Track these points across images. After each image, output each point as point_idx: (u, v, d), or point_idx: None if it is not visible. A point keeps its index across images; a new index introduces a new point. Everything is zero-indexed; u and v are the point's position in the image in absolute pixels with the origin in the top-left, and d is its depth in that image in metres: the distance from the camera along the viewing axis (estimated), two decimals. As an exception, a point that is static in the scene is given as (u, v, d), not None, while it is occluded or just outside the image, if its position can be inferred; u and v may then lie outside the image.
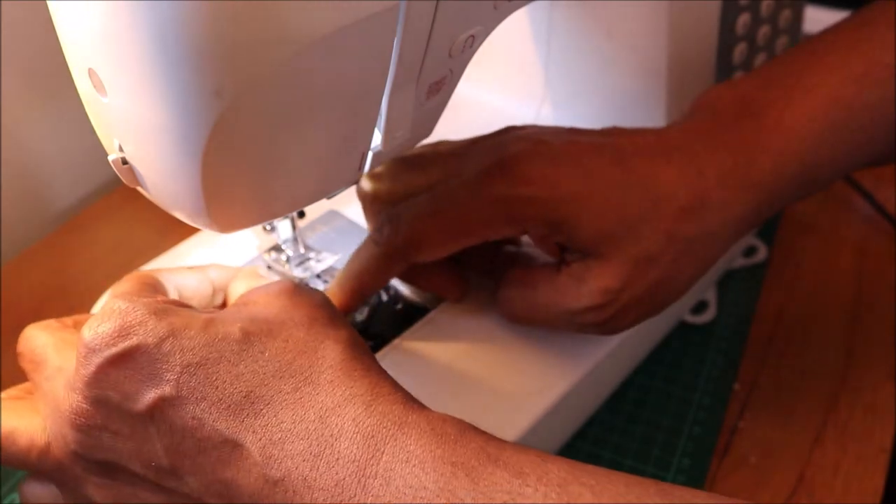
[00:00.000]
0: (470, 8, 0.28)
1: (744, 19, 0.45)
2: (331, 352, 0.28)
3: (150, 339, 0.27)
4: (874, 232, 0.55)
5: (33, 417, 0.31)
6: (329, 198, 0.33)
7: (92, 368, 0.28)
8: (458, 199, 0.35)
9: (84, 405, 0.28)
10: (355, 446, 0.26)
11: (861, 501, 0.40)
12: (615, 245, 0.34)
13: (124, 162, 0.27)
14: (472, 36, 0.30)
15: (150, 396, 0.27)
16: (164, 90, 0.23)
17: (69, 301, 0.53)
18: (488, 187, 0.34)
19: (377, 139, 0.31)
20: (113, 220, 0.60)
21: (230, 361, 0.27)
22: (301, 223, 0.44)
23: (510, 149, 0.35)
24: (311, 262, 0.41)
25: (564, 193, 0.33)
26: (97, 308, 0.42)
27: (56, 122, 0.60)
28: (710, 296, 0.50)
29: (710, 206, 0.34)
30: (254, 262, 0.43)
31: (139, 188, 0.29)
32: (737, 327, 0.49)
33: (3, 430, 0.31)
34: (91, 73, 0.25)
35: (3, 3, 0.53)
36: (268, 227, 0.39)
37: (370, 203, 0.40)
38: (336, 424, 0.26)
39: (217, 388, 0.27)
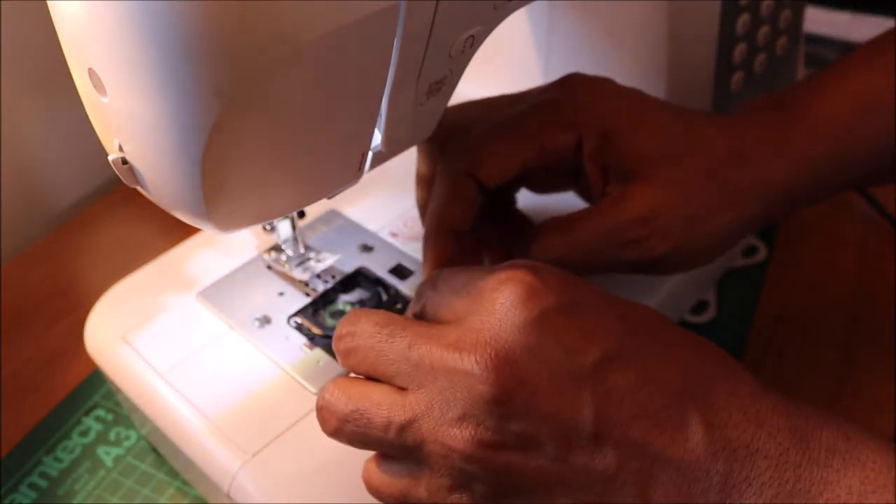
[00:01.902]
0: (470, 8, 0.28)
1: (744, 19, 0.45)
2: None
3: (596, 300, 0.27)
4: (874, 232, 0.55)
5: (385, 392, 0.28)
6: (329, 198, 0.33)
7: (535, 313, 0.26)
8: (518, 112, 0.37)
9: (515, 352, 0.26)
10: (791, 420, 0.26)
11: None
12: (658, 167, 0.35)
13: (124, 162, 0.27)
14: (472, 36, 0.30)
15: (595, 351, 0.26)
16: (164, 90, 0.23)
17: (69, 301, 0.53)
18: (548, 94, 0.37)
19: (377, 139, 0.31)
20: (113, 220, 0.60)
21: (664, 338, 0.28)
22: (301, 223, 0.44)
23: (570, 76, 0.38)
24: (311, 262, 0.41)
25: (619, 107, 0.36)
26: (98, 307, 0.42)
27: (56, 122, 0.60)
28: (710, 296, 0.50)
29: (745, 160, 0.36)
30: (254, 262, 0.43)
31: (139, 188, 0.29)
32: (737, 327, 0.49)
33: (355, 404, 0.28)
34: (91, 73, 0.25)
35: (3, 3, 0.53)
36: (268, 227, 0.39)
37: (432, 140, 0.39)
38: (766, 404, 0.27)
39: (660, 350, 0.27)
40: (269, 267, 0.43)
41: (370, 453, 0.34)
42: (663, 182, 0.35)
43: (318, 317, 0.40)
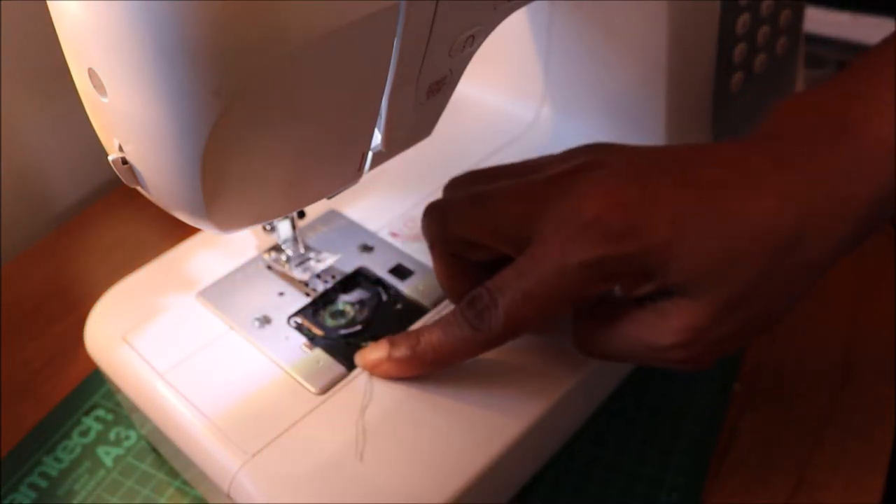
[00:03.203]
0: (470, 8, 0.28)
1: (744, 19, 0.45)
2: None
3: None
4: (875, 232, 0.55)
5: None
6: (329, 198, 0.33)
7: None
8: (547, 275, 0.33)
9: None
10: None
11: (861, 501, 0.40)
12: (706, 286, 0.32)
13: (124, 162, 0.27)
14: (472, 36, 0.30)
15: None
16: (163, 90, 0.23)
17: (69, 301, 0.53)
18: (577, 255, 0.32)
19: (377, 139, 0.31)
20: (113, 220, 0.60)
21: None
22: (301, 223, 0.44)
23: (587, 206, 0.32)
24: (311, 262, 0.41)
25: (655, 243, 0.31)
26: (98, 307, 0.42)
27: (56, 122, 0.60)
28: (710, 296, 0.50)
29: (807, 237, 0.32)
30: (254, 262, 0.43)
31: (139, 188, 0.29)
32: (737, 327, 0.49)
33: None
34: (91, 73, 0.25)
35: (3, 3, 0.53)
36: (268, 227, 0.39)
37: (444, 249, 0.38)
38: None
39: None
40: (269, 267, 0.43)
41: (369, 454, 0.34)
42: (713, 300, 0.32)
43: (318, 317, 0.40)
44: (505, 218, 0.35)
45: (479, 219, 0.36)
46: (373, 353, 0.37)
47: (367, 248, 0.44)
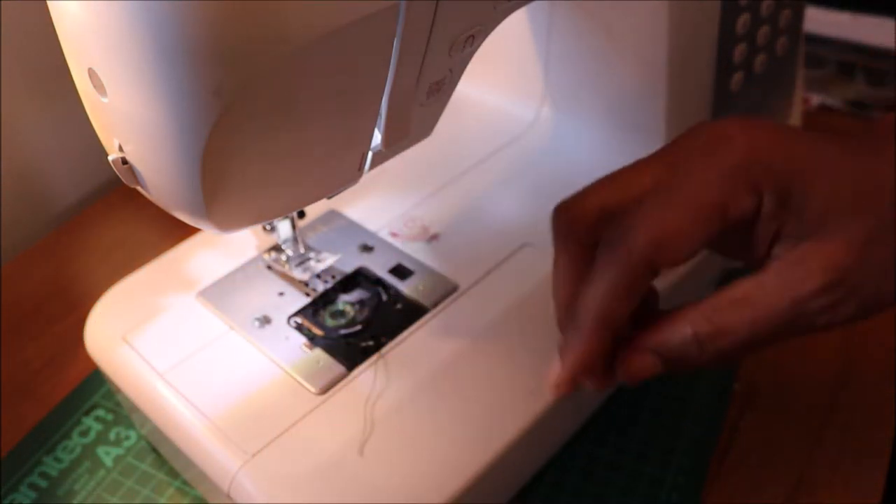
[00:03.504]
0: (470, 8, 0.28)
1: (744, 19, 0.45)
2: None
3: None
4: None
5: None
6: (329, 198, 0.33)
7: None
8: (689, 183, 0.32)
9: None
10: None
11: (861, 501, 0.40)
12: (843, 221, 0.31)
13: (124, 162, 0.27)
14: (472, 36, 0.30)
15: None
16: (163, 90, 0.23)
17: (69, 301, 0.53)
18: (722, 160, 0.32)
19: (377, 139, 0.31)
20: (113, 220, 0.60)
21: None
22: (301, 223, 0.44)
23: (731, 126, 0.33)
24: (311, 262, 0.41)
25: (798, 164, 0.32)
26: (98, 307, 0.42)
27: (56, 122, 0.60)
28: (710, 296, 0.50)
29: None
30: (254, 262, 0.43)
31: (139, 188, 0.29)
32: (737, 327, 0.49)
33: None
34: (91, 73, 0.25)
35: (3, 3, 0.53)
36: (268, 227, 0.39)
37: (574, 223, 0.34)
38: None
39: None
40: (269, 267, 0.43)
41: (369, 453, 0.34)
42: (851, 236, 0.31)
43: (318, 317, 0.40)
44: (643, 171, 0.33)
45: (616, 182, 0.33)
46: (553, 373, 0.33)
47: (367, 248, 0.44)
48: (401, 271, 0.42)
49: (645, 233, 0.31)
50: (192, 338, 0.39)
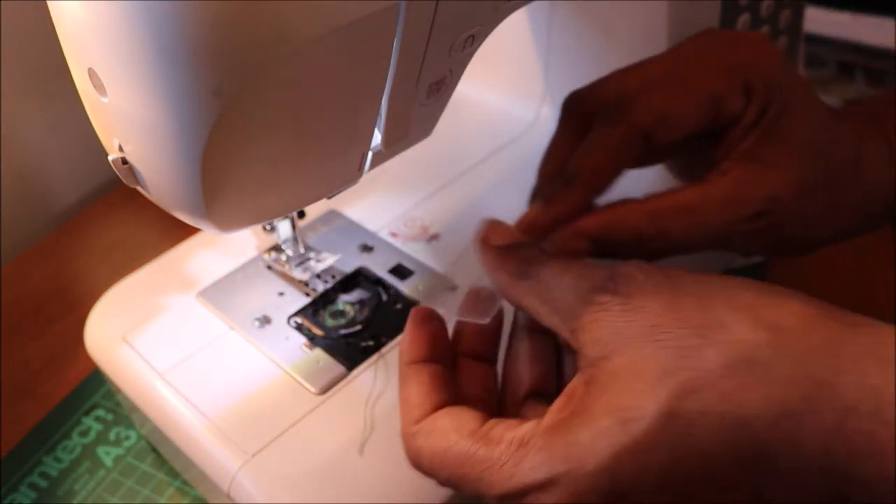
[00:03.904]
0: (470, 8, 0.28)
1: (744, 19, 0.45)
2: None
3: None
4: (874, 232, 0.55)
5: None
6: (329, 198, 0.33)
7: None
8: (694, 74, 0.34)
9: None
10: None
11: (861, 501, 0.40)
12: (794, 161, 0.34)
13: (124, 162, 0.27)
14: (472, 36, 0.30)
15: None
16: (163, 90, 0.23)
17: (69, 301, 0.53)
18: (727, 58, 0.34)
19: (377, 139, 0.31)
20: (113, 220, 0.60)
21: None
22: (301, 223, 0.44)
23: (741, 33, 0.36)
24: (311, 262, 0.41)
25: (790, 86, 0.34)
26: (98, 307, 0.42)
27: (56, 122, 0.60)
28: (710, 296, 0.50)
29: (862, 171, 0.36)
30: (254, 262, 0.43)
31: (139, 188, 0.29)
32: (737, 327, 0.49)
33: None
34: (91, 73, 0.25)
35: (3, 3, 0.53)
36: (268, 227, 0.39)
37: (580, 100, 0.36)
38: None
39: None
40: (269, 267, 0.43)
41: (369, 453, 0.34)
42: (790, 178, 0.33)
43: (318, 317, 0.40)
44: (655, 63, 0.36)
45: (630, 72, 0.36)
46: (525, 215, 0.34)
47: (367, 248, 0.44)
48: (401, 271, 0.42)
49: (647, 107, 0.33)
50: (192, 338, 0.39)
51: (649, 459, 0.24)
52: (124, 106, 0.25)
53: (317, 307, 0.41)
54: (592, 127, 0.35)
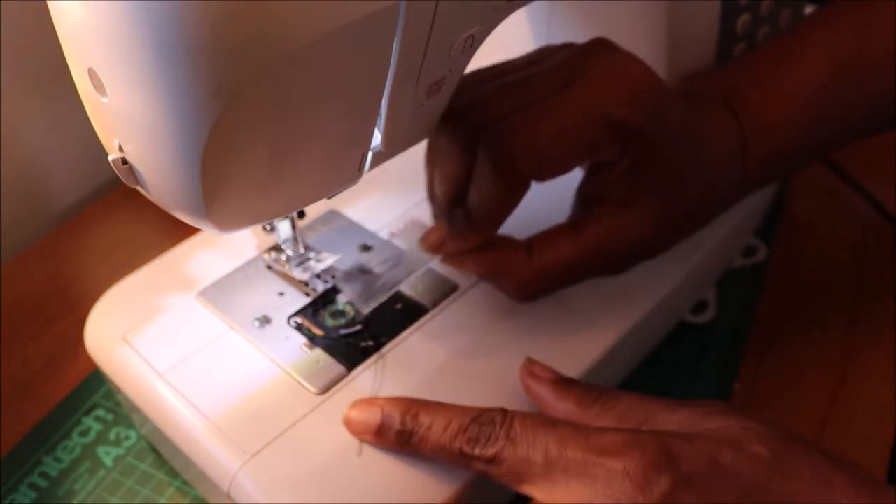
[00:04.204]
0: (470, 8, 0.28)
1: (744, 19, 0.45)
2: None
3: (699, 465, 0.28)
4: (874, 232, 0.55)
5: None
6: (329, 198, 0.33)
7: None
8: (579, 117, 0.35)
9: None
10: None
11: (861, 501, 0.40)
12: (656, 198, 0.37)
13: (124, 162, 0.27)
14: (472, 36, 0.30)
15: None
16: (163, 90, 0.23)
17: (69, 301, 0.53)
18: (616, 109, 0.35)
19: (377, 139, 0.31)
20: (113, 220, 0.60)
21: (777, 481, 0.28)
22: (301, 223, 0.44)
23: (632, 66, 0.36)
24: (311, 262, 0.41)
25: (658, 137, 0.36)
26: (98, 307, 0.42)
27: (56, 122, 0.60)
28: (710, 296, 0.50)
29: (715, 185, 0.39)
30: (254, 262, 0.43)
31: (139, 188, 0.29)
32: (737, 327, 0.49)
33: None
34: (91, 73, 0.25)
35: (2, 3, 0.53)
36: (268, 227, 0.39)
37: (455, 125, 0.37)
38: None
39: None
40: (269, 267, 0.43)
41: (369, 454, 0.34)
42: (654, 215, 0.37)
43: (318, 317, 0.40)
44: (542, 85, 0.36)
45: (516, 97, 0.36)
46: (431, 234, 0.38)
47: (367, 248, 0.44)
48: (401, 271, 0.42)
49: (529, 157, 0.35)
50: (192, 338, 0.39)
51: None
52: (124, 106, 0.25)
53: (317, 307, 0.41)
54: (478, 156, 0.36)
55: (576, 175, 0.38)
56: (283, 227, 0.39)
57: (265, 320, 0.40)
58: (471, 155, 0.36)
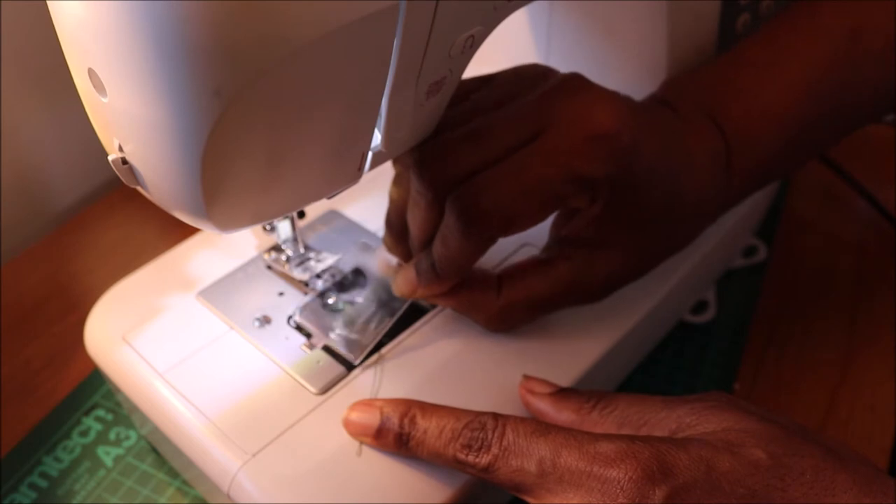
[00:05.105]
0: (470, 8, 0.28)
1: (744, 19, 0.45)
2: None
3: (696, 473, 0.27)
4: (874, 232, 0.55)
5: None
6: (329, 198, 0.33)
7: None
8: (549, 173, 0.34)
9: None
10: None
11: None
12: (628, 236, 0.37)
13: (124, 162, 0.27)
14: (472, 36, 0.30)
15: None
16: (163, 90, 0.23)
17: (69, 301, 0.53)
18: (584, 166, 0.34)
19: (377, 139, 0.31)
20: (113, 220, 0.60)
21: (776, 487, 0.27)
22: (301, 223, 0.44)
23: (599, 116, 0.35)
24: (311, 262, 0.41)
25: (622, 173, 0.35)
26: (98, 307, 0.42)
27: (56, 122, 0.60)
28: (710, 296, 0.50)
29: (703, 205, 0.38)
30: (254, 262, 0.43)
31: (139, 188, 0.29)
32: (737, 327, 0.49)
33: None
34: (91, 73, 0.25)
35: (3, 3, 0.53)
36: (268, 227, 0.39)
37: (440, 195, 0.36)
38: None
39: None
40: (269, 267, 0.43)
41: (369, 454, 0.34)
42: (630, 250, 0.37)
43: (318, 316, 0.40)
44: (507, 137, 0.35)
45: (480, 150, 0.35)
46: (402, 283, 0.39)
47: (367, 248, 0.44)
48: (401, 271, 0.42)
49: (498, 215, 0.34)
50: (191, 338, 0.39)
51: None
52: (124, 106, 0.25)
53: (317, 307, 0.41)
54: (445, 211, 0.36)
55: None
56: (283, 227, 0.39)
57: (265, 320, 0.40)
58: (438, 208, 0.36)
